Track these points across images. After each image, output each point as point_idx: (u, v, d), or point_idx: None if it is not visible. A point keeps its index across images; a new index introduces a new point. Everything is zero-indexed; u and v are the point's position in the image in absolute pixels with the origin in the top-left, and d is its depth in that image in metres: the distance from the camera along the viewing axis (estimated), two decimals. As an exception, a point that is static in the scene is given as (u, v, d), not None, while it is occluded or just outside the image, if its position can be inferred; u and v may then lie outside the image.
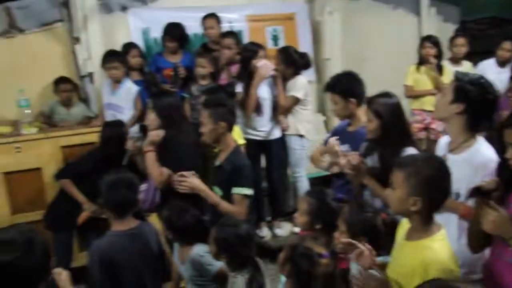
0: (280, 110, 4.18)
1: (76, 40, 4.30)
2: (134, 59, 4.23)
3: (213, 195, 2.80)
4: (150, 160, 3.07)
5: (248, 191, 2.79)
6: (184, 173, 2.83)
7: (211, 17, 4.43)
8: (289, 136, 4.29)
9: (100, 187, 2.49)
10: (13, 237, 1.67)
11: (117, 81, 4.03)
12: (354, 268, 2.40)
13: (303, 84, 4.25)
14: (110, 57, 3.99)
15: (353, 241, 2.08)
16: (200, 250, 2.64)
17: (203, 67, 4.10)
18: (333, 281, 2.01)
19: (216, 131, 2.80)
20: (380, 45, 5.55)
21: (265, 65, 3.99)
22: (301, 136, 4.31)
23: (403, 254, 1.94)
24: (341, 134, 3.16)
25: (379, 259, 2.16)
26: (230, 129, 2.87)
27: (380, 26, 5.54)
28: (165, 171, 3.02)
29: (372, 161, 2.73)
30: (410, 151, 2.58)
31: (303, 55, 4.28)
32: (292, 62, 4.17)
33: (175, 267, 2.89)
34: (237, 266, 2.37)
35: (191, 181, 2.80)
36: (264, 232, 4.31)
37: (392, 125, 2.64)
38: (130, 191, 2.45)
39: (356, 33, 5.36)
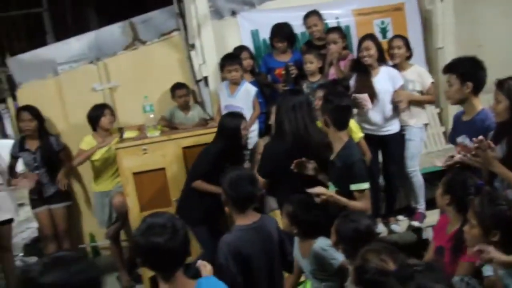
0: (431, 102, 4.17)
1: (192, 46, 4.54)
2: (245, 61, 4.35)
3: (341, 198, 2.79)
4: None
5: (365, 186, 2.78)
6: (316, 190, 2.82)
7: (313, 15, 4.42)
8: (409, 128, 4.13)
9: (222, 183, 2.60)
10: (163, 222, 1.86)
11: (235, 83, 4.18)
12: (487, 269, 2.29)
13: (425, 69, 4.17)
14: (230, 60, 4.15)
15: (483, 248, 2.00)
16: (323, 244, 2.66)
17: (311, 63, 4.14)
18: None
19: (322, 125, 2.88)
20: (498, 29, 5.13)
21: None
22: (425, 125, 4.20)
23: None
24: (456, 124, 3.04)
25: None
26: (336, 126, 2.86)
27: (497, 9, 5.13)
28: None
29: (501, 150, 2.58)
30: None
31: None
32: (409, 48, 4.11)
33: (296, 261, 2.95)
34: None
35: (324, 192, 2.80)
36: (380, 228, 4.23)
37: None
38: (253, 186, 2.53)
39: (470, 19, 5.02)
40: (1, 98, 4.94)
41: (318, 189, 2.77)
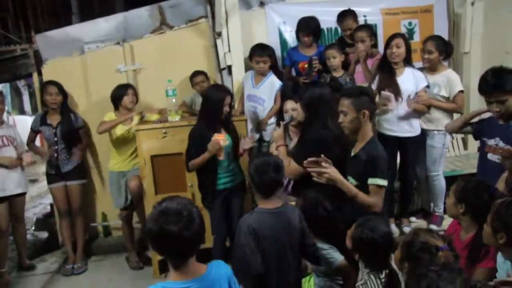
0: (453, 110, 4.09)
1: (218, 35, 4.55)
2: None
3: (351, 186, 2.76)
4: (281, 154, 3.19)
5: (382, 182, 2.73)
6: (321, 161, 2.78)
7: (349, 17, 4.39)
8: (432, 133, 4.13)
9: (248, 167, 2.61)
10: (179, 209, 1.77)
11: (262, 74, 4.18)
12: (502, 269, 2.28)
13: (457, 76, 4.12)
14: (260, 50, 4.15)
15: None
16: (322, 244, 2.66)
17: (334, 57, 4.14)
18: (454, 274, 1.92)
19: (359, 120, 2.79)
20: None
21: None
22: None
23: None
24: (490, 124, 3.01)
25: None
26: (371, 118, 2.84)
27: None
28: (292, 163, 3.08)
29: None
30: None
31: (448, 44, 4.13)
32: (445, 50, 4.05)
33: None
34: (373, 268, 2.33)
35: (330, 171, 2.77)
36: (392, 228, 4.22)
37: None
38: (277, 173, 2.52)
39: (499, 25, 4.96)
40: (27, 73, 4.99)
41: (329, 169, 2.72)
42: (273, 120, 4.22)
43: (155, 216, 1.78)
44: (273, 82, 4.16)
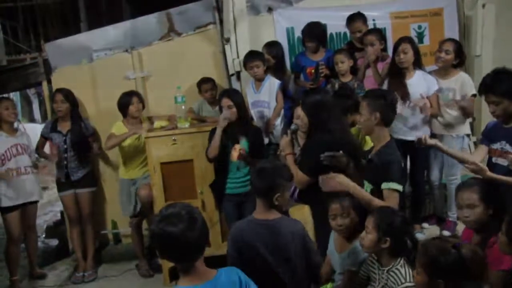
0: (467, 114, 4.04)
1: (226, 41, 4.56)
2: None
3: (364, 192, 2.73)
4: (289, 162, 3.14)
5: (396, 186, 2.68)
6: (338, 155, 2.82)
7: (358, 20, 4.34)
8: (449, 137, 4.08)
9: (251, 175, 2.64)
10: (180, 212, 1.80)
11: (259, 79, 4.18)
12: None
13: (470, 79, 4.07)
14: (251, 57, 4.17)
15: None
16: None
17: (343, 62, 4.11)
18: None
19: (370, 122, 2.78)
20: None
21: None
22: (466, 135, 4.13)
23: None
24: (492, 131, 2.97)
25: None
26: (385, 122, 2.81)
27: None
28: (300, 173, 3.03)
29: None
30: None
31: (463, 52, 4.10)
32: (459, 55, 4.00)
33: (328, 258, 2.88)
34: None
35: (339, 179, 2.74)
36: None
37: None
38: (273, 177, 2.45)
39: (511, 27, 4.87)
40: (37, 82, 5.03)
41: (337, 177, 2.72)
42: (279, 121, 4.19)
43: (157, 220, 1.82)
44: (272, 83, 4.16)
